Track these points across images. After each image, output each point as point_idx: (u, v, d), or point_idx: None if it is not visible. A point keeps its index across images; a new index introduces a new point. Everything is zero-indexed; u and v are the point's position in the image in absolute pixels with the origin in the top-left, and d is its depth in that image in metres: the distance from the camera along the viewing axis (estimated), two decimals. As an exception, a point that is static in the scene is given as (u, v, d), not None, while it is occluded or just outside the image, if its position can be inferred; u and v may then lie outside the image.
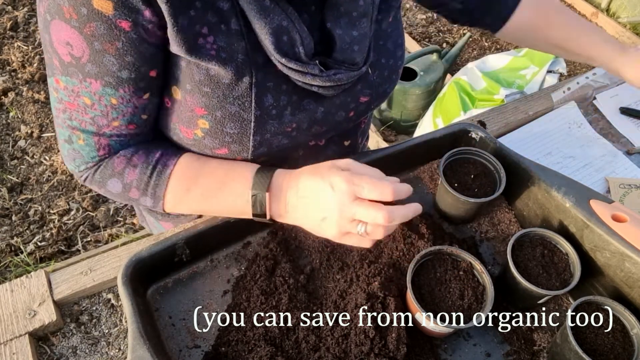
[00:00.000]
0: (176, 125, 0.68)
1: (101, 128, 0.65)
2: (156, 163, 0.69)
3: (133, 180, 0.68)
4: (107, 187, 0.69)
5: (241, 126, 0.65)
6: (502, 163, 0.78)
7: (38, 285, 0.74)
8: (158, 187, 0.69)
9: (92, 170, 0.69)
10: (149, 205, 0.71)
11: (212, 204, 0.70)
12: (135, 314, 0.62)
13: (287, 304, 0.68)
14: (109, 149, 0.67)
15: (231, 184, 0.68)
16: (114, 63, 0.58)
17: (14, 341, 0.69)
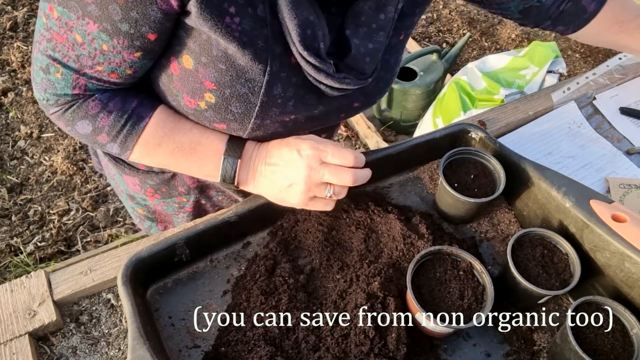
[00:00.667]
0: (180, 92, 0.67)
1: (83, 68, 0.63)
2: (132, 112, 0.68)
3: (105, 125, 0.68)
4: (76, 127, 0.68)
5: (246, 107, 0.66)
6: (502, 163, 0.78)
7: (38, 285, 0.74)
8: (129, 137, 0.68)
9: (62, 107, 0.67)
10: (114, 152, 0.70)
11: (180, 162, 0.72)
12: (135, 314, 0.62)
13: (287, 304, 0.68)
14: (84, 89, 0.66)
15: (204, 146, 0.71)
16: (117, 12, 0.56)
17: (14, 341, 0.69)
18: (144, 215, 0.95)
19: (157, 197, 0.89)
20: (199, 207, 0.91)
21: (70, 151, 2.20)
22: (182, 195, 0.89)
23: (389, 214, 0.77)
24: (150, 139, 0.69)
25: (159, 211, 0.93)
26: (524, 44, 2.75)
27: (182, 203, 0.90)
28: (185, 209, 0.91)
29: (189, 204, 0.90)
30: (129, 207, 0.95)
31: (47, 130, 2.29)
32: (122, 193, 0.94)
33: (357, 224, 0.77)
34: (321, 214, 0.78)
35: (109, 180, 0.98)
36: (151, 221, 0.96)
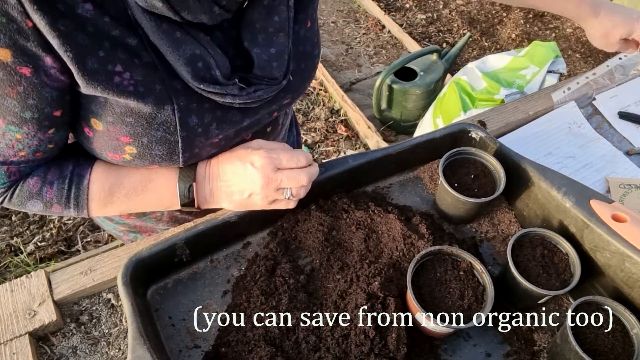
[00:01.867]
0: (103, 151, 0.68)
1: (8, 158, 0.64)
2: (71, 175, 0.70)
3: (53, 197, 0.69)
4: (27, 207, 0.70)
5: (169, 147, 0.66)
6: (502, 163, 0.78)
7: (38, 285, 0.74)
8: (79, 197, 0.70)
9: (7, 194, 0.69)
10: (73, 215, 0.72)
11: (137, 202, 0.73)
12: (135, 314, 0.62)
13: (287, 304, 0.68)
14: (19, 174, 0.68)
15: (156, 180, 0.72)
16: (15, 105, 0.58)
17: (14, 341, 0.69)
18: (126, 230, 0.96)
19: (133, 217, 0.91)
20: (174, 216, 0.91)
21: (70, 151, 2.20)
22: (156, 212, 0.89)
23: (389, 214, 0.78)
24: (99, 192, 0.70)
25: (139, 225, 0.93)
26: (524, 44, 2.75)
27: (158, 217, 0.91)
28: (163, 220, 0.92)
29: (165, 216, 0.91)
30: (110, 227, 0.96)
31: (47, 130, 2.29)
32: (98, 218, 0.95)
33: (357, 224, 0.77)
34: (321, 214, 0.78)
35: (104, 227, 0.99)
36: (135, 233, 0.96)
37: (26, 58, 0.54)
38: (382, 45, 2.86)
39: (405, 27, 2.96)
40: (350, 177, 0.81)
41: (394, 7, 3.14)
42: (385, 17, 2.96)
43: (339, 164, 0.79)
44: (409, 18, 3.03)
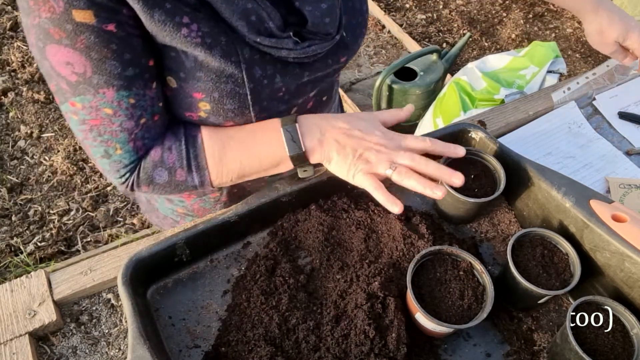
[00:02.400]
0: (180, 111, 0.70)
1: (132, 131, 0.66)
2: (185, 136, 0.71)
3: (174, 161, 0.70)
4: (155, 180, 0.71)
5: (239, 101, 0.67)
6: (502, 163, 0.78)
7: (38, 285, 0.74)
8: (198, 156, 0.70)
9: (135, 173, 0.70)
10: (196, 183, 0.72)
11: (249, 158, 0.72)
12: (135, 314, 0.62)
13: (287, 304, 0.68)
14: (144, 148, 0.69)
15: (261, 131, 0.72)
16: (116, 65, 0.60)
17: (14, 341, 0.69)
18: (183, 213, 0.97)
19: (193, 197, 0.92)
20: (232, 195, 0.93)
21: (70, 151, 2.20)
22: (214, 191, 0.91)
23: (389, 214, 0.78)
24: (213, 147, 0.71)
25: (197, 208, 0.95)
26: (524, 44, 2.75)
27: (217, 197, 0.93)
28: (221, 201, 0.93)
29: (224, 195, 0.92)
30: (168, 209, 0.98)
31: (47, 130, 2.29)
32: (158, 199, 0.97)
33: (357, 224, 0.77)
34: (321, 214, 0.78)
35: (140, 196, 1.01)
36: (192, 216, 0.98)
37: (107, 14, 0.56)
38: (382, 45, 2.86)
39: (405, 27, 2.96)
40: (350, 177, 0.81)
41: (394, 7, 3.14)
42: (385, 17, 2.96)
43: (339, 164, 0.79)
44: (409, 18, 3.03)
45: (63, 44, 0.57)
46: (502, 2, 3.03)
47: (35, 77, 2.42)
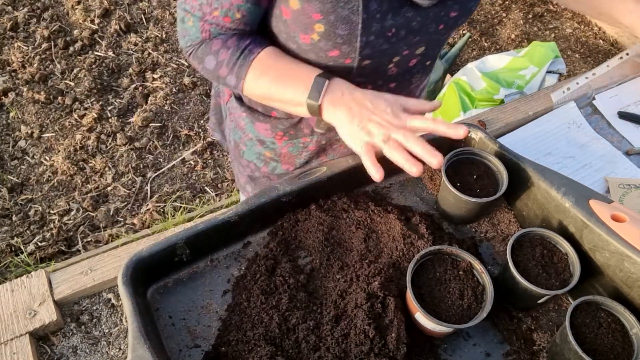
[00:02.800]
0: (296, 33, 0.77)
1: (205, 15, 0.78)
2: (244, 48, 0.81)
3: (224, 59, 0.81)
4: (204, 63, 0.82)
5: (350, 27, 0.74)
6: (502, 163, 0.78)
7: (38, 285, 0.74)
8: (242, 67, 0.80)
9: (195, 47, 0.82)
10: (231, 84, 0.83)
11: (278, 86, 0.80)
12: (136, 313, 0.62)
13: (287, 304, 0.68)
14: (209, 34, 0.80)
15: (300, 70, 0.80)
16: None
17: (15, 341, 0.69)
18: (270, 157, 1.04)
19: (285, 139, 0.99)
20: (319, 147, 1.00)
21: (70, 151, 2.20)
22: (306, 136, 0.97)
23: (389, 214, 0.78)
24: (257, 68, 0.80)
25: (284, 153, 1.02)
26: (523, 44, 2.75)
27: (306, 143, 0.99)
28: (308, 148, 1.00)
29: (312, 143, 0.99)
30: (255, 152, 1.05)
31: (48, 130, 2.29)
32: (250, 140, 1.04)
33: (357, 224, 0.77)
34: (321, 213, 0.78)
35: (232, 136, 1.08)
36: (276, 162, 1.04)
37: None
38: (382, 46, 2.86)
39: (405, 28, 2.96)
40: (350, 177, 0.81)
41: (394, 8, 3.14)
42: (385, 18, 2.96)
43: (339, 164, 0.80)
44: (408, 18, 3.03)
45: None
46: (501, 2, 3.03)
47: (35, 77, 2.42)
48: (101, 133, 2.27)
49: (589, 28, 2.91)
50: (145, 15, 2.76)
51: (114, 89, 2.45)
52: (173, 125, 2.34)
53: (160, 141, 2.28)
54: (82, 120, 2.30)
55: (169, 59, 2.57)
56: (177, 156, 2.25)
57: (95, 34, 2.63)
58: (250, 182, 1.12)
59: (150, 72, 2.51)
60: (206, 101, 2.44)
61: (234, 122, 1.05)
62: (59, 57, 2.53)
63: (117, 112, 2.34)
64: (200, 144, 2.27)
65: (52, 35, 2.59)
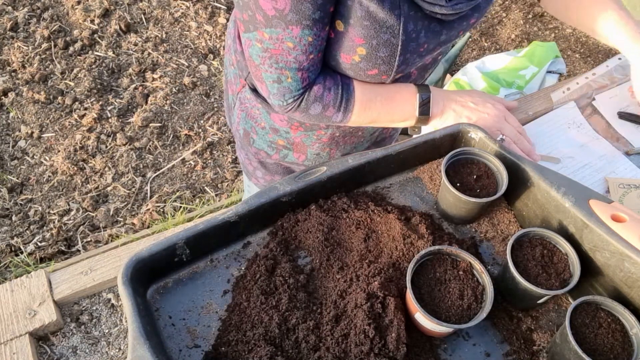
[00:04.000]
0: (337, 52, 0.81)
1: (302, 64, 0.80)
2: (342, 83, 0.86)
3: (330, 100, 0.86)
4: (309, 111, 0.86)
5: (390, 50, 0.79)
6: (502, 163, 0.78)
7: (38, 285, 0.74)
8: (348, 101, 0.87)
9: (298, 101, 0.85)
10: (337, 120, 0.89)
11: (387, 109, 0.89)
12: (136, 313, 0.62)
13: (287, 304, 0.68)
14: (308, 81, 0.83)
15: (401, 92, 0.89)
16: (309, 8, 0.71)
17: (14, 341, 0.69)
18: (282, 145, 1.07)
19: (300, 130, 1.02)
20: (333, 138, 1.04)
21: (70, 151, 2.20)
22: (321, 129, 1.01)
23: (389, 214, 0.78)
24: (361, 96, 0.87)
25: (297, 142, 1.05)
26: (523, 44, 2.75)
27: (320, 135, 1.02)
28: (322, 140, 1.04)
29: (326, 136, 1.03)
30: (267, 141, 1.07)
31: (48, 131, 2.29)
32: (262, 129, 1.06)
33: (357, 224, 0.77)
34: (321, 213, 0.78)
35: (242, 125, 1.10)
36: (288, 150, 1.07)
37: None
38: (382, 46, 2.86)
39: (405, 28, 2.96)
40: (350, 177, 0.81)
41: (394, 8, 3.14)
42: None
43: (339, 164, 0.80)
44: (408, 18, 3.03)
45: None
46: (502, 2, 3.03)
47: (35, 77, 2.42)
48: (101, 133, 2.27)
49: (589, 28, 2.90)
50: (145, 15, 2.76)
51: (114, 89, 2.45)
52: (173, 125, 2.34)
53: (160, 141, 2.28)
54: (82, 120, 2.30)
55: (169, 59, 2.57)
56: (177, 156, 2.25)
57: (95, 34, 2.63)
58: (260, 167, 1.15)
59: (150, 72, 2.51)
60: (206, 101, 2.44)
61: (244, 112, 1.07)
62: (59, 57, 2.53)
63: (117, 112, 2.34)
64: (200, 144, 2.27)
65: (52, 35, 2.59)
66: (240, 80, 1.04)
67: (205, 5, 2.81)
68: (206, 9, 2.78)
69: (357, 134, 1.06)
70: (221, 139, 2.31)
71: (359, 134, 1.06)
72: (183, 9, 2.80)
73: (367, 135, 1.09)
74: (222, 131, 2.34)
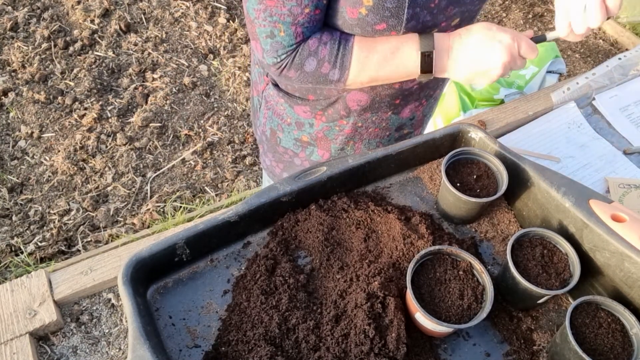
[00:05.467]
0: (344, 7, 0.79)
1: (296, 17, 0.77)
2: (340, 38, 0.83)
3: (325, 55, 0.82)
4: (304, 67, 0.83)
5: (398, 1, 0.76)
6: (502, 163, 0.78)
7: (38, 285, 0.74)
8: (345, 56, 0.83)
9: (291, 56, 0.82)
10: (335, 78, 0.85)
11: (386, 68, 0.84)
12: (136, 313, 0.62)
13: (287, 304, 0.68)
14: (302, 37, 0.81)
15: (402, 48, 0.83)
16: None
17: (15, 341, 0.69)
18: (306, 142, 1.07)
19: (323, 121, 1.02)
20: (355, 129, 1.02)
21: (70, 151, 2.20)
22: (342, 118, 1.00)
23: (389, 214, 0.78)
24: (359, 52, 0.83)
25: (320, 137, 1.05)
26: (524, 44, 2.75)
27: (342, 126, 1.02)
28: (344, 132, 1.03)
29: (348, 126, 1.01)
30: (293, 138, 1.08)
31: (48, 131, 2.29)
32: (288, 126, 1.06)
33: (357, 224, 0.77)
34: (321, 213, 0.78)
35: (269, 125, 1.10)
36: (312, 147, 1.07)
37: None
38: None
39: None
40: (350, 177, 0.81)
41: (394, 7, 3.14)
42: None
43: (339, 163, 0.80)
44: (408, 18, 3.03)
45: None
46: (502, 2, 3.03)
47: (35, 77, 2.42)
48: (101, 133, 2.27)
49: (589, 28, 2.90)
50: (145, 15, 2.76)
51: (114, 89, 2.45)
52: (173, 125, 2.34)
53: (160, 141, 2.28)
54: (82, 120, 2.30)
55: (169, 59, 2.57)
56: (177, 156, 2.25)
57: (95, 34, 2.63)
58: (288, 168, 1.15)
59: (150, 72, 2.51)
60: (206, 101, 2.44)
61: (270, 110, 1.07)
62: (59, 57, 2.53)
63: (117, 112, 2.34)
64: (200, 144, 2.27)
65: (52, 35, 2.59)
66: (264, 77, 1.04)
67: (205, 5, 2.81)
68: (206, 9, 2.78)
69: (382, 125, 1.04)
70: (221, 139, 2.31)
71: (383, 125, 1.04)
72: (183, 9, 2.80)
73: (393, 129, 1.06)
74: (222, 131, 2.34)
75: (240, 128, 2.36)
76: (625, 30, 2.78)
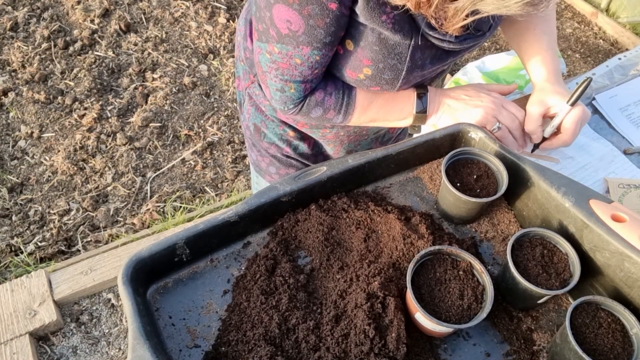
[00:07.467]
0: (344, 68, 0.86)
1: (306, 77, 0.85)
2: (343, 88, 0.91)
3: (331, 104, 0.90)
4: (310, 114, 0.91)
5: (395, 74, 0.84)
6: (502, 163, 0.78)
7: (38, 285, 0.74)
8: (349, 105, 0.91)
9: (298, 106, 0.90)
10: (337, 121, 0.94)
11: (385, 112, 0.93)
12: (136, 313, 0.62)
13: (287, 304, 0.68)
14: (309, 90, 0.89)
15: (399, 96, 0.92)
16: (322, 34, 0.77)
17: (14, 341, 0.69)
18: (293, 136, 1.11)
19: (306, 127, 1.07)
20: (337, 137, 1.08)
21: (70, 151, 2.20)
22: (326, 128, 1.05)
23: (389, 214, 0.78)
24: (362, 101, 0.91)
25: (306, 135, 1.11)
26: (524, 44, 2.75)
27: (325, 133, 1.07)
28: (326, 137, 1.09)
29: (331, 134, 1.07)
30: (278, 133, 1.11)
31: (48, 130, 2.29)
32: (272, 122, 1.10)
33: (357, 224, 0.77)
34: (321, 213, 0.78)
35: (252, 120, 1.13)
36: (298, 141, 1.11)
37: None
38: (382, 46, 2.86)
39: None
40: (350, 177, 0.81)
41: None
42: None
43: (339, 164, 0.80)
44: (408, 18, 3.03)
45: (292, 7, 0.74)
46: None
47: (35, 77, 2.42)
48: (101, 133, 2.27)
49: (589, 28, 2.91)
50: (145, 15, 2.76)
51: (114, 89, 2.45)
52: (173, 125, 2.34)
53: (160, 141, 2.28)
54: (82, 120, 2.30)
55: (168, 58, 2.57)
56: (177, 156, 2.25)
57: (95, 33, 2.63)
58: (274, 161, 1.18)
59: (150, 72, 2.51)
60: (206, 101, 2.44)
61: (253, 106, 1.10)
62: (58, 57, 2.53)
63: (117, 112, 2.34)
64: (200, 144, 2.27)
65: (52, 35, 2.59)
66: (249, 76, 1.06)
67: (205, 5, 2.81)
68: (206, 9, 2.78)
69: (362, 132, 1.08)
70: (221, 139, 2.31)
71: (363, 133, 1.09)
72: (183, 8, 2.80)
73: (372, 133, 1.12)
74: (222, 131, 2.34)
75: (240, 128, 2.36)
76: (625, 30, 2.77)
